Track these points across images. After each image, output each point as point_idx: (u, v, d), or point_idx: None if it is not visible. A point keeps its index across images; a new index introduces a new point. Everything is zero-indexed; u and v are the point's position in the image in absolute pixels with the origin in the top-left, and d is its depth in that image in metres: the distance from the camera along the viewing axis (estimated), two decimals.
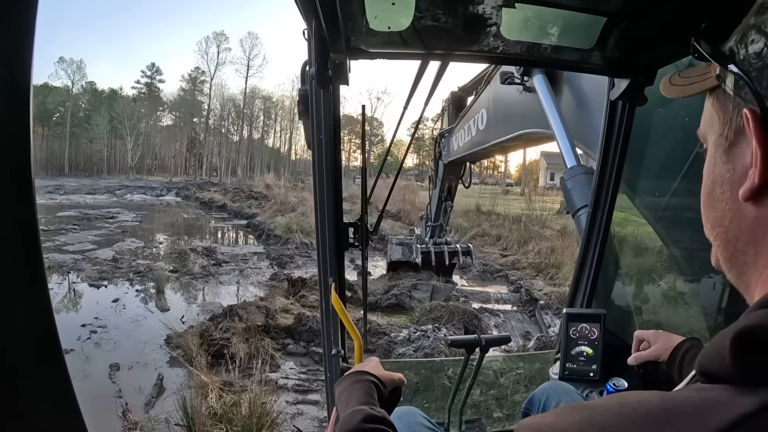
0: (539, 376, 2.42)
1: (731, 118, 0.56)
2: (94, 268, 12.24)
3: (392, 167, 33.77)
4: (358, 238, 2.03)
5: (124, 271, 12.16)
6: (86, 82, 70.41)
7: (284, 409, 5.51)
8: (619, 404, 0.49)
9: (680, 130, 2.14)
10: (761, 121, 0.51)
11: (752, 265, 0.56)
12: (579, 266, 2.41)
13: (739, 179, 0.55)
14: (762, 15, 0.52)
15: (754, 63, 0.52)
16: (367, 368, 1.25)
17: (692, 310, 2.18)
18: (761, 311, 0.48)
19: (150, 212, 27.88)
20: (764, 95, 0.51)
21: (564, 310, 2.19)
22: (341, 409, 1.11)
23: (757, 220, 0.54)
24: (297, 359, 7.07)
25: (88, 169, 66.65)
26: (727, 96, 0.57)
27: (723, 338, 0.47)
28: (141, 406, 5.56)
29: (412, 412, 1.70)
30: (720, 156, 0.59)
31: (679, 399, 0.47)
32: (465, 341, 1.89)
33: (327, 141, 1.83)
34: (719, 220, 0.60)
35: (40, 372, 0.53)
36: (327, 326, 2.04)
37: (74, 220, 21.57)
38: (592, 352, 2.07)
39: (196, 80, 72.26)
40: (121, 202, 32.86)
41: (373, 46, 1.75)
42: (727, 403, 0.44)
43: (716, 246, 0.63)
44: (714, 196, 0.61)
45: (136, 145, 67.38)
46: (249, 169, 68.97)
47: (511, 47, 1.79)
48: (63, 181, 47.35)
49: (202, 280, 11.83)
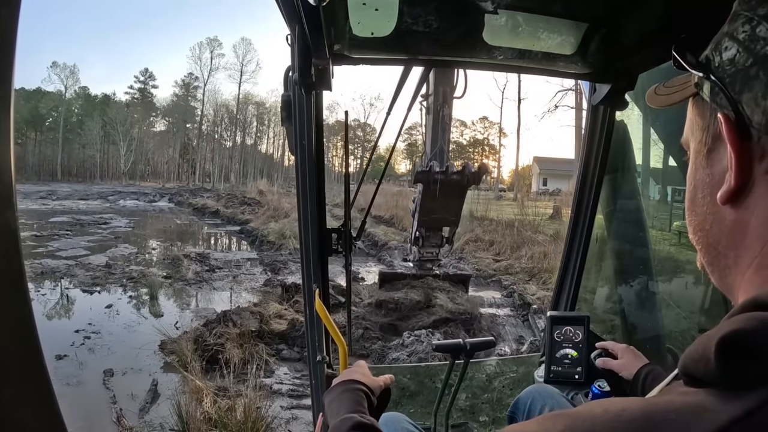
0: (524, 380, 2.43)
1: (708, 125, 0.58)
2: (87, 273, 12.18)
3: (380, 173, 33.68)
4: (341, 244, 2.02)
5: (118, 277, 12.10)
6: (79, 87, 70.13)
7: (279, 414, 5.49)
8: (604, 411, 0.48)
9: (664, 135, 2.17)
10: (735, 125, 0.53)
11: (734, 267, 0.57)
12: (562, 270, 2.42)
13: (717, 183, 0.56)
14: (734, 23, 0.54)
15: (727, 69, 0.54)
16: (356, 376, 1.24)
17: (675, 311, 2.20)
18: (745, 315, 0.48)
19: (143, 218, 27.73)
20: (737, 100, 0.52)
21: (548, 314, 2.20)
22: (331, 417, 1.11)
23: (735, 223, 0.55)
24: (291, 364, 7.06)
25: (81, 174, 66.24)
26: (704, 103, 0.59)
27: (707, 341, 0.47)
28: (135, 411, 5.53)
29: (397, 417, 1.70)
30: (700, 161, 0.61)
31: (662, 405, 0.47)
32: (450, 346, 1.90)
33: (310, 147, 1.83)
34: (701, 225, 0.61)
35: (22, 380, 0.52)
36: (311, 333, 2.02)
37: (67, 225, 21.43)
38: (576, 354, 2.08)
39: (190, 86, 71.90)
40: (114, 208, 32.66)
41: (356, 52, 1.76)
42: (711, 409, 0.44)
43: (699, 250, 0.63)
44: (695, 201, 0.62)
45: (129, 151, 66.99)
46: (242, 175, 68.60)
47: (494, 53, 1.81)
48: (55, 187, 47.20)
49: (195, 285, 11.78)
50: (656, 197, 2.47)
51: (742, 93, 0.52)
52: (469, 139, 68.42)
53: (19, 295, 0.51)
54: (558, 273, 2.48)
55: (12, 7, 0.47)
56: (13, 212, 0.49)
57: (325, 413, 1.17)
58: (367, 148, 65.84)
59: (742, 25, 0.53)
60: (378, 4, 1.49)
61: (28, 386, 0.53)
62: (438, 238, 9.33)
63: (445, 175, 7.85)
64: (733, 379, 0.45)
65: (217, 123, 73.51)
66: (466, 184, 8.14)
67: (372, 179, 16.09)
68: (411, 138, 56.45)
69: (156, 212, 31.86)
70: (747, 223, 0.54)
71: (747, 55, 0.52)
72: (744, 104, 0.52)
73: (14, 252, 0.50)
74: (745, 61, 0.52)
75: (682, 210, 0.67)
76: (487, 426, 2.26)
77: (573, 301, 2.39)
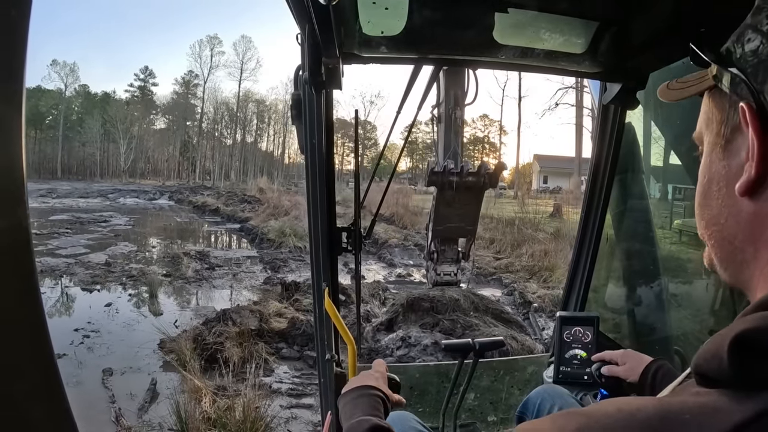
0: (533, 380, 2.43)
1: (728, 116, 0.57)
2: (87, 272, 12.18)
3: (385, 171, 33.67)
4: (351, 242, 2.02)
5: (117, 275, 12.10)
6: (79, 85, 70.17)
7: (278, 413, 5.49)
8: (617, 410, 0.48)
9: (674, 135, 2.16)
10: (758, 113, 0.52)
11: (752, 261, 0.56)
12: (572, 270, 2.41)
13: (735, 175, 0.56)
14: (758, 15, 0.53)
15: (750, 60, 0.53)
16: (372, 381, 1.25)
17: (684, 312, 2.19)
18: (760, 314, 0.48)
19: (143, 216, 27.74)
20: (759, 90, 0.52)
21: (557, 314, 2.19)
22: (345, 419, 1.11)
23: (754, 215, 0.55)
24: (291, 363, 7.06)
25: (81, 172, 66.25)
26: (723, 94, 0.58)
27: (721, 340, 0.47)
28: (134, 411, 5.52)
29: (406, 416, 1.70)
30: (717, 154, 0.60)
31: (676, 405, 0.47)
32: (459, 345, 1.89)
33: (320, 145, 1.82)
34: (715, 218, 0.60)
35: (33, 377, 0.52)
36: (320, 331, 2.03)
37: (67, 223, 21.39)
38: (585, 355, 2.06)
39: (190, 84, 71.95)
40: (114, 206, 32.64)
41: (366, 51, 1.76)
42: (725, 410, 0.44)
43: (711, 245, 0.63)
44: (709, 195, 0.61)
45: (129, 149, 67.02)
46: (242, 172, 68.64)
47: (504, 52, 1.80)
48: (55, 185, 47.13)
49: (195, 284, 11.79)
50: (668, 197, 2.46)
51: (765, 83, 0.51)
52: (470, 137, 68.33)
53: (30, 292, 0.52)
54: (567, 273, 2.48)
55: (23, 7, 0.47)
56: (24, 209, 0.49)
57: (340, 415, 1.17)
58: (368, 146, 65.97)
59: (767, 17, 0.52)
60: (388, 4, 1.50)
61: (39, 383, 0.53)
62: (453, 253, 8.65)
63: (460, 176, 7.62)
64: (746, 379, 0.45)
65: (217, 121, 73.70)
66: (482, 186, 7.84)
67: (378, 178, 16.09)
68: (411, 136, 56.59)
69: (156, 210, 31.88)
70: (766, 215, 0.54)
71: None
72: (767, 94, 0.51)
73: (26, 249, 0.51)
74: None
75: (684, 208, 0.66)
76: (496, 426, 2.25)
77: (582, 301, 2.39)
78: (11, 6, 0.46)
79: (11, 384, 0.49)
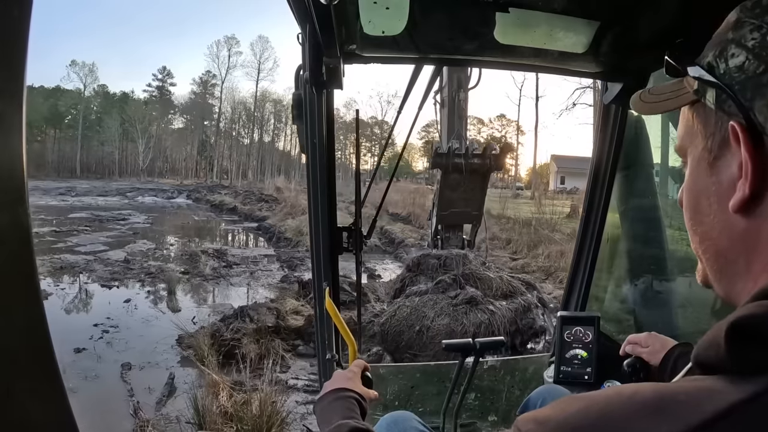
0: (534, 380, 2.42)
1: (714, 132, 0.57)
2: (106, 269, 12.32)
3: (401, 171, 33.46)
4: (352, 242, 2.03)
5: (136, 272, 12.22)
6: (98, 85, 71.09)
7: (294, 408, 5.52)
8: (617, 394, 0.49)
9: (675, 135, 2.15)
10: (749, 132, 0.52)
11: (744, 274, 0.56)
12: (573, 269, 2.41)
13: (726, 191, 0.55)
14: (740, 29, 0.53)
15: (736, 76, 0.53)
16: (345, 383, 1.25)
17: (686, 312, 2.18)
18: (757, 302, 0.48)
19: (161, 214, 27.99)
20: (749, 107, 0.52)
21: (558, 314, 2.19)
22: (323, 425, 1.12)
23: (747, 231, 0.54)
24: (307, 360, 7.08)
25: (100, 171, 67.03)
26: (708, 110, 0.58)
27: (718, 329, 0.48)
28: (152, 404, 5.59)
29: (407, 416, 1.70)
30: (704, 169, 0.59)
31: (673, 388, 0.48)
32: (460, 345, 1.89)
33: (321, 145, 1.84)
34: (707, 234, 0.60)
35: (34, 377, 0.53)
36: (321, 331, 2.04)
37: (86, 221, 21.65)
38: (586, 355, 2.06)
39: (207, 84, 72.36)
40: (133, 204, 32.97)
41: (367, 51, 1.77)
42: (722, 391, 0.45)
43: (705, 260, 0.62)
44: (700, 210, 0.61)
45: (147, 148, 67.67)
46: (260, 172, 68.79)
47: (505, 51, 1.81)
48: (74, 183, 47.69)
49: (212, 281, 11.88)
50: (674, 196, 2.45)
51: (754, 100, 0.51)
52: (487, 136, 67.89)
53: (31, 292, 0.52)
54: (568, 272, 2.47)
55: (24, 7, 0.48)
56: (25, 208, 0.50)
57: (317, 421, 1.18)
58: (380, 145, 65.63)
59: (751, 32, 0.52)
60: (389, 3, 1.49)
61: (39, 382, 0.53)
62: (458, 240, 8.50)
63: (466, 157, 7.15)
64: (743, 364, 0.46)
65: (234, 120, 74.11)
66: (488, 168, 7.38)
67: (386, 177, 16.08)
68: (429, 135, 56.18)
69: (174, 209, 32.13)
70: (759, 231, 0.53)
71: (758, 62, 0.51)
72: (756, 111, 0.51)
73: (26, 248, 0.51)
74: (756, 68, 0.51)
75: None
76: (496, 426, 2.25)
77: (584, 301, 2.38)
78: (13, 5, 0.47)
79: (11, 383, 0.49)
